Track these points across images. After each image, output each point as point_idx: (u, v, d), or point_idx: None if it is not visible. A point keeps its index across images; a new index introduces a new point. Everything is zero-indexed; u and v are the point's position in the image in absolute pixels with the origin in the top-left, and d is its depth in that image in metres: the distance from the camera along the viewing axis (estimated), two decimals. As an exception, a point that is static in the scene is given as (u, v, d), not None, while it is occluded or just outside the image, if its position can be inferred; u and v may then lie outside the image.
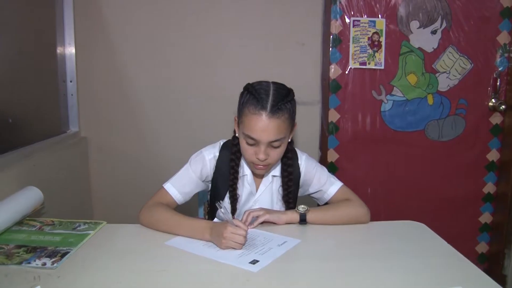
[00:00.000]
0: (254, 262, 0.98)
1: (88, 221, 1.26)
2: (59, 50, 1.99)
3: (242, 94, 1.23)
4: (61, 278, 0.92)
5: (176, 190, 1.29)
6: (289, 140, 1.26)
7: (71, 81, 2.06)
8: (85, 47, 2.06)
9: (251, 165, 1.25)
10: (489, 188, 2.35)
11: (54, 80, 1.97)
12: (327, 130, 2.22)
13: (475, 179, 2.34)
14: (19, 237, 1.13)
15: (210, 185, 1.38)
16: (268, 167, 1.25)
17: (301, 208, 1.25)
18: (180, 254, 1.04)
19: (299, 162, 1.37)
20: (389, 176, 2.31)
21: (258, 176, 1.36)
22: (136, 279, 0.91)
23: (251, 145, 1.19)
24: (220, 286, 0.90)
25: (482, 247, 2.43)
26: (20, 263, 0.98)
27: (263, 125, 1.14)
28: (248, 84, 1.22)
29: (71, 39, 2.02)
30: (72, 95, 2.07)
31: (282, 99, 1.16)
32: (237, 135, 1.28)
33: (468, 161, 2.31)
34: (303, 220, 1.24)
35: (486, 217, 2.38)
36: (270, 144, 1.18)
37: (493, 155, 2.32)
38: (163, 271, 0.94)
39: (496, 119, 2.28)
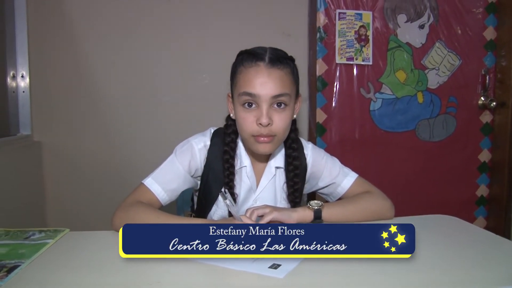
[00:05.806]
0: (275, 266, 0.75)
1: (45, 229, 0.98)
2: (8, 36, 1.68)
3: (233, 63, 1.07)
4: (8, 299, 0.65)
5: (160, 187, 1.03)
6: (294, 116, 1.07)
7: (22, 76, 1.76)
8: (40, 34, 1.77)
9: (252, 140, 1.01)
10: (482, 190, 2.24)
11: (1, 74, 1.67)
12: (315, 131, 2.03)
13: (468, 182, 2.23)
14: None
15: (199, 182, 1.13)
16: (273, 142, 1.01)
17: (314, 203, 1.02)
18: (175, 263, 0.76)
19: (305, 152, 1.16)
20: (379, 180, 2.11)
21: (260, 166, 1.12)
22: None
23: (250, 107, 0.99)
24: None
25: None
26: None
27: (263, 76, 0.97)
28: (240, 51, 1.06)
29: (22, 23, 1.71)
30: (23, 92, 1.78)
31: (282, 55, 1.02)
32: (231, 115, 1.06)
33: (461, 163, 2.20)
34: (318, 218, 1.01)
35: (480, 222, 2.26)
36: (273, 104, 0.98)
37: (484, 156, 2.22)
38: (157, 283, 0.68)
39: (486, 117, 2.20)
